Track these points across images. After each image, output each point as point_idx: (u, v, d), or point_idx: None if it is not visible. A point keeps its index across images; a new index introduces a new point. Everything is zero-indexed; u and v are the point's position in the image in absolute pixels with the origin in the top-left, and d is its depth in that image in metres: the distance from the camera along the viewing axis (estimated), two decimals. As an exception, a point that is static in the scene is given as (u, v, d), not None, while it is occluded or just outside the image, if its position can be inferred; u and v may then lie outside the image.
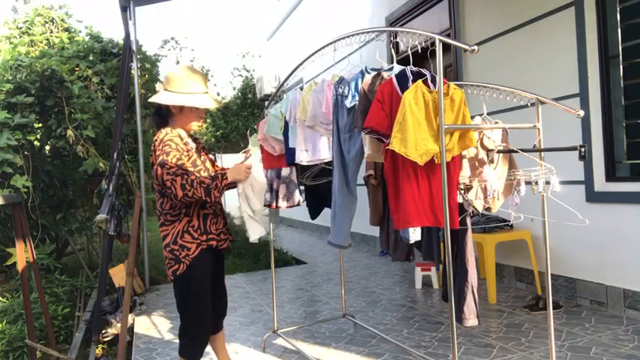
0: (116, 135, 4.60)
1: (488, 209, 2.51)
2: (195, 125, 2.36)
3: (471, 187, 2.38)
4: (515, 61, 4.29)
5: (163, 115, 2.32)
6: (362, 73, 2.48)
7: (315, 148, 3.15)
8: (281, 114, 3.20)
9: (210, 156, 2.51)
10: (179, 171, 2.07)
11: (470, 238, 2.48)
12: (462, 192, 2.36)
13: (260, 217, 2.58)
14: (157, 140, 2.20)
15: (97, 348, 3.91)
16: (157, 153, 2.14)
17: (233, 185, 2.35)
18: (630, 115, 3.55)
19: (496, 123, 2.44)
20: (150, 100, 2.32)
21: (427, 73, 2.24)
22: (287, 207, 3.26)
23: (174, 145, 2.16)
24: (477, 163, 2.42)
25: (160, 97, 2.26)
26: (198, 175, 2.13)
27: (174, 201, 2.19)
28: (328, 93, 2.74)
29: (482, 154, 2.41)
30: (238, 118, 15.22)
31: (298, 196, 3.31)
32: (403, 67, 2.30)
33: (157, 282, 5.63)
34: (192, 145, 2.38)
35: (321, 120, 2.84)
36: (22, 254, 3.39)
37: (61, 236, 5.95)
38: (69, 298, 4.82)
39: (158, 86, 2.35)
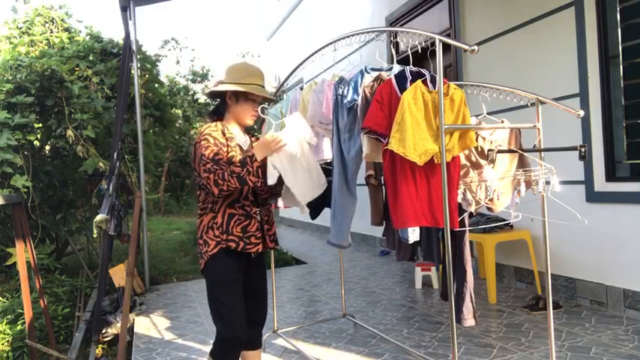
0: (116, 135, 4.60)
1: (490, 209, 2.51)
2: (249, 119, 2.33)
3: (471, 188, 2.38)
4: (515, 61, 4.29)
5: (220, 112, 2.34)
6: (362, 73, 2.48)
7: (316, 148, 3.15)
8: (281, 114, 3.20)
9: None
10: (213, 167, 2.06)
11: (467, 238, 2.49)
12: (462, 192, 2.36)
13: (301, 189, 2.28)
14: (199, 133, 2.22)
15: (97, 348, 3.91)
16: (197, 147, 2.16)
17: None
18: (630, 115, 3.55)
19: (502, 122, 2.45)
20: (207, 91, 2.34)
21: (427, 73, 2.24)
22: (285, 207, 3.26)
23: (212, 140, 2.14)
24: (469, 166, 2.42)
25: (217, 87, 2.29)
26: (228, 167, 2.07)
27: (210, 195, 2.20)
28: (328, 92, 2.75)
29: (476, 157, 2.41)
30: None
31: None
32: (402, 68, 2.30)
33: (157, 282, 5.63)
34: (243, 139, 2.32)
35: (320, 120, 2.84)
36: (22, 254, 3.39)
37: (61, 236, 5.96)
38: (69, 298, 4.82)
39: (214, 83, 2.39)
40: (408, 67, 2.28)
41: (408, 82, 2.17)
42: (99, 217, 3.94)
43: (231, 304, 2.20)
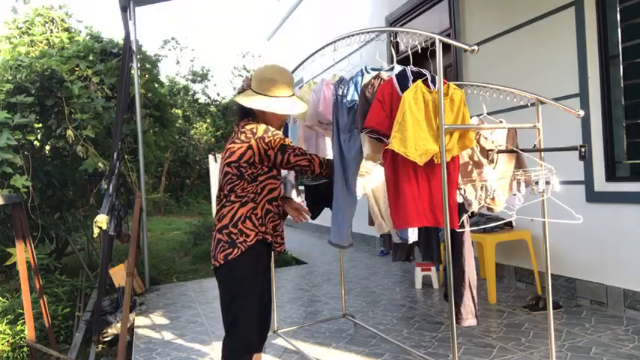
0: (116, 135, 4.59)
1: (490, 209, 2.51)
2: (276, 125, 2.35)
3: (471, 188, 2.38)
4: (515, 61, 4.29)
5: (248, 111, 2.32)
6: (362, 73, 2.48)
7: (317, 148, 3.15)
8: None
9: None
10: (307, 155, 2.26)
11: (468, 238, 2.48)
12: (462, 192, 2.36)
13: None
14: (254, 129, 2.21)
15: (97, 348, 3.91)
16: (267, 139, 2.17)
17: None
18: (630, 115, 3.55)
19: (500, 122, 2.45)
20: (235, 99, 2.32)
21: (427, 73, 2.24)
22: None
23: (283, 135, 2.25)
24: (471, 165, 2.42)
25: (243, 98, 2.27)
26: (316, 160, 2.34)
27: (252, 186, 2.20)
28: (326, 91, 2.75)
29: (479, 156, 2.41)
30: (238, 118, 15.20)
31: (295, 197, 3.30)
32: (403, 67, 2.30)
33: (157, 282, 5.63)
34: None
35: (319, 119, 2.84)
36: (22, 254, 3.39)
37: (61, 236, 5.96)
38: (69, 298, 4.82)
39: (244, 80, 2.37)
40: (408, 67, 2.28)
41: (410, 82, 2.17)
42: (99, 217, 3.94)
43: (252, 309, 2.19)
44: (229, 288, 2.20)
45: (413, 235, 3.00)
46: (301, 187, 3.40)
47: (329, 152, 3.09)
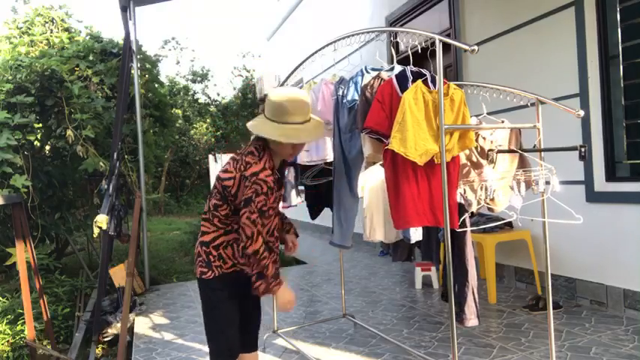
0: (116, 135, 4.60)
1: (491, 209, 2.51)
2: (288, 157, 2.19)
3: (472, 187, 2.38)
4: (515, 61, 4.29)
5: (266, 142, 2.12)
6: (362, 73, 2.48)
7: (317, 148, 3.15)
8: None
9: (282, 192, 2.29)
10: (258, 219, 1.96)
11: (469, 238, 2.48)
12: (462, 192, 2.36)
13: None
14: (249, 164, 2.01)
15: (97, 348, 3.91)
16: (247, 183, 1.98)
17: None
18: (630, 115, 3.55)
19: (502, 122, 2.45)
20: (247, 126, 2.12)
21: (427, 73, 2.24)
22: (282, 207, 3.26)
23: (266, 188, 1.98)
24: (468, 167, 2.42)
25: (251, 124, 2.11)
26: (273, 255, 2.05)
27: (232, 216, 2.08)
28: (325, 91, 2.75)
29: (477, 156, 2.41)
30: (238, 118, 15.22)
31: (295, 197, 3.30)
32: (403, 67, 2.30)
33: (157, 282, 5.63)
34: (282, 170, 2.25)
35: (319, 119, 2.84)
36: (22, 254, 3.39)
37: (61, 236, 5.96)
38: (69, 298, 4.82)
39: (259, 93, 2.26)
40: (408, 67, 2.28)
41: (410, 82, 2.17)
42: (99, 217, 3.94)
43: (228, 326, 2.15)
44: (204, 301, 2.20)
45: (415, 234, 3.00)
46: (301, 187, 3.40)
47: (329, 152, 3.09)
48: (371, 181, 3.08)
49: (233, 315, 2.17)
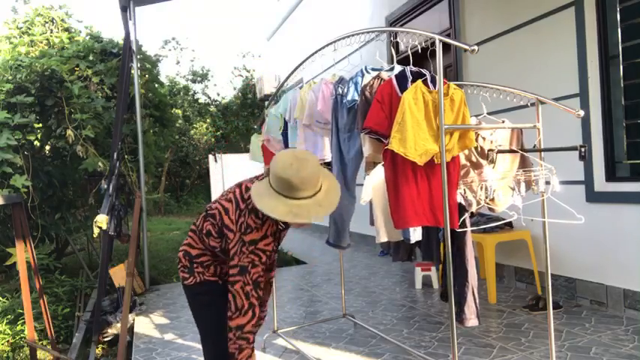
0: (116, 135, 4.60)
1: (491, 209, 2.51)
2: (294, 225, 1.95)
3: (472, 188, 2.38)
4: (515, 61, 4.29)
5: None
6: (362, 73, 2.48)
7: (316, 148, 3.15)
8: (280, 115, 3.20)
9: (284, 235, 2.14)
10: (252, 299, 1.85)
11: (469, 238, 2.48)
12: (462, 193, 2.36)
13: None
14: (249, 229, 1.87)
15: (97, 348, 3.91)
16: (244, 249, 1.85)
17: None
18: (630, 115, 3.55)
19: (503, 122, 2.45)
20: (252, 195, 1.89)
21: (427, 73, 2.24)
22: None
23: (265, 257, 1.87)
24: (467, 167, 2.42)
25: (258, 196, 1.87)
26: (253, 330, 1.90)
27: (215, 255, 2.00)
28: (325, 90, 2.74)
29: (476, 157, 2.41)
30: (238, 118, 15.23)
31: None
32: (403, 68, 2.30)
33: (157, 282, 5.63)
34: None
35: (317, 119, 2.83)
36: (22, 254, 3.39)
37: (61, 236, 5.96)
38: (69, 298, 4.82)
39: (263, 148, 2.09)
40: (408, 67, 2.28)
41: (409, 82, 2.17)
42: (99, 217, 3.94)
43: (214, 328, 2.05)
44: (190, 307, 2.14)
45: (415, 234, 3.00)
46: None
47: (328, 153, 3.09)
48: (375, 182, 3.08)
49: (218, 319, 2.05)
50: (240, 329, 1.86)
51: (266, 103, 2.56)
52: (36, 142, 5.14)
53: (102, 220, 3.92)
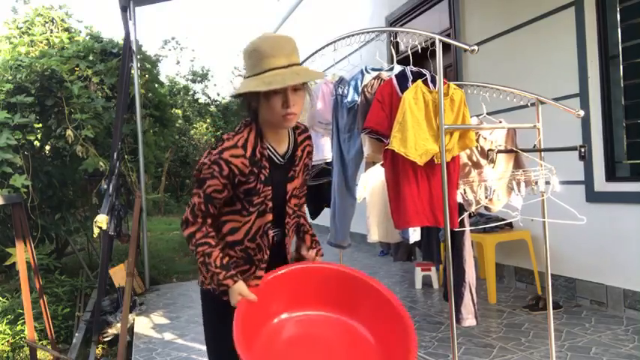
0: (116, 135, 4.60)
1: (488, 209, 2.51)
2: (284, 121, 1.57)
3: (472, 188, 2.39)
4: (515, 61, 4.29)
5: (253, 119, 1.65)
6: (362, 73, 2.48)
7: (317, 148, 3.15)
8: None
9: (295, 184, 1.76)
10: (199, 218, 1.64)
11: (468, 238, 2.49)
12: (462, 192, 2.36)
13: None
14: (220, 141, 1.63)
15: (97, 348, 3.90)
16: (219, 143, 1.61)
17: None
18: (630, 115, 3.55)
19: (499, 122, 2.45)
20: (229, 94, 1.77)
21: (427, 73, 2.24)
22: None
23: (228, 170, 1.57)
24: (469, 167, 2.42)
25: (228, 89, 1.69)
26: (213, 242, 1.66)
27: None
28: (325, 90, 2.75)
29: (477, 156, 2.41)
30: (238, 118, 15.22)
31: None
32: (403, 67, 2.30)
33: (157, 282, 5.63)
34: (284, 150, 1.69)
35: (319, 120, 2.84)
36: (22, 254, 3.39)
37: (61, 236, 5.95)
38: (69, 298, 4.82)
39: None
40: (408, 67, 2.28)
41: (410, 82, 2.17)
42: (99, 217, 3.94)
43: (228, 339, 1.59)
44: (204, 315, 1.99)
45: (414, 234, 3.00)
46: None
47: (328, 152, 3.09)
48: (372, 181, 3.07)
49: (223, 332, 1.71)
50: (192, 237, 1.65)
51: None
52: (36, 142, 5.14)
53: (102, 220, 3.92)
